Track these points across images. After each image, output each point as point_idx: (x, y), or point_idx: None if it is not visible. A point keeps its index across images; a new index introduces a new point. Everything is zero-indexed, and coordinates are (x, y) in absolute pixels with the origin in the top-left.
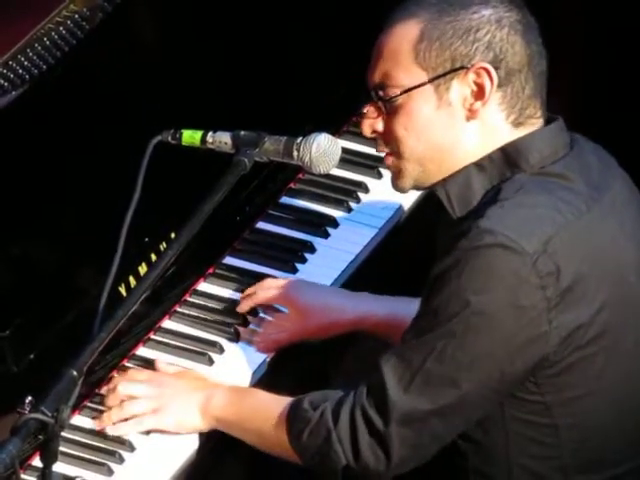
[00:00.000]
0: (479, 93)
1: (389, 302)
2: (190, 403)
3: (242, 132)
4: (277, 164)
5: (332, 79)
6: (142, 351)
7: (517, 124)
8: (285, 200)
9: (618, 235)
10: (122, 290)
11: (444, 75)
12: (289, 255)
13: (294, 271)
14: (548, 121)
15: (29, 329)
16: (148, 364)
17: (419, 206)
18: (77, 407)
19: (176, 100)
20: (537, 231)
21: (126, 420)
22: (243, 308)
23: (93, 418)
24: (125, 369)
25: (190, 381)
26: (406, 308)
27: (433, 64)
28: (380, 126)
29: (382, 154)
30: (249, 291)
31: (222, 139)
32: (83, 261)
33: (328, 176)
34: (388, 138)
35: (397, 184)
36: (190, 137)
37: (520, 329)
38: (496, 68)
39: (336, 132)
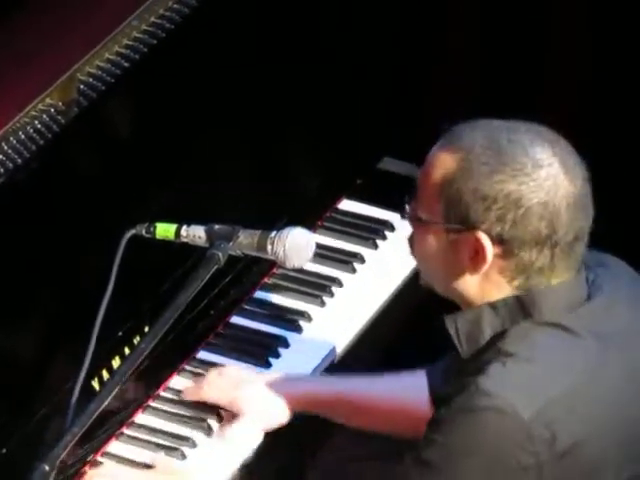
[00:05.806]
0: (479, 257)
1: (333, 381)
2: None
3: (216, 226)
4: (251, 258)
5: (307, 174)
6: (114, 446)
7: (522, 287)
8: (259, 294)
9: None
10: (95, 384)
11: (455, 225)
12: (263, 350)
13: (268, 366)
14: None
15: (0, 424)
16: (120, 459)
17: (392, 302)
18: None
19: (150, 193)
20: (535, 395)
21: None
22: (186, 396)
23: None
24: (98, 464)
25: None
26: (351, 385)
27: (450, 211)
28: (411, 226)
29: (356, 249)
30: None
31: (196, 233)
32: (55, 355)
33: (302, 271)
34: (411, 244)
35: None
36: (164, 231)
37: None
38: (500, 242)
39: (311, 227)
